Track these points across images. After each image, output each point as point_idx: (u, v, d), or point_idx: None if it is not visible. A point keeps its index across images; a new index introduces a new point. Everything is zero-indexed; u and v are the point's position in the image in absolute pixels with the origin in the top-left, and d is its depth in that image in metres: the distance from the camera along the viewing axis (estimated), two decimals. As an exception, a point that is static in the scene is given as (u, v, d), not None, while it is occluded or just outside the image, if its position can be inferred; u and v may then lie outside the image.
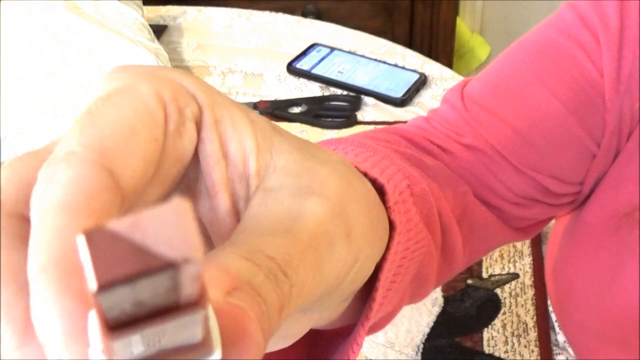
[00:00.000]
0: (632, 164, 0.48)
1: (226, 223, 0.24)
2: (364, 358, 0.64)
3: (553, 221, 0.63)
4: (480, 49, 2.06)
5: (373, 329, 0.38)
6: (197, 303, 0.16)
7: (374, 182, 0.32)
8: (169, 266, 0.15)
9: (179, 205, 0.15)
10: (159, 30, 1.08)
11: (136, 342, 0.16)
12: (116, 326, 0.15)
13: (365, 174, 0.31)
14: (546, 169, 0.48)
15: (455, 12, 1.77)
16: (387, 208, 0.31)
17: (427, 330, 0.66)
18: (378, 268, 0.30)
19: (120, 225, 0.15)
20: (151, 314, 0.15)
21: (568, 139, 0.48)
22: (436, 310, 0.68)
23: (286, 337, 0.27)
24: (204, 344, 0.17)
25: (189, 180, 0.25)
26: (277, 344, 0.28)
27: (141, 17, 0.95)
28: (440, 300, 0.69)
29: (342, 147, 0.39)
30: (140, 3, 1.00)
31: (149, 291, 0.15)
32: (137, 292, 0.15)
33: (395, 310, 0.38)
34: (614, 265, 0.50)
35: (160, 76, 0.23)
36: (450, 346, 0.65)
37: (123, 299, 0.15)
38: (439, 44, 1.76)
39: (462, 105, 0.50)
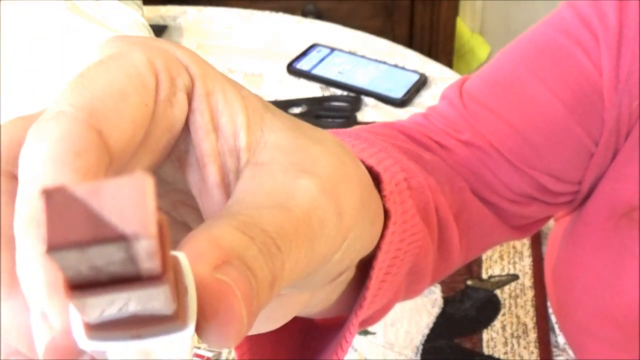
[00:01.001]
0: (631, 164, 0.48)
1: (215, 195, 0.24)
2: (364, 358, 0.64)
3: (552, 222, 0.63)
4: (480, 49, 2.06)
5: (368, 322, 0.38)
6: (158, 278, 0.16)
7: (370, 171, 0.31)
8: (119, 238, 0.15)
9: (140, 180, 0.15)
10: (159, 30, 1.08)
11: (100, 304, 0.16)
12: (76, 285, 0.15)
13: (362, 162, 0.31)
14: (544, 167, 0.49)
15: (455, 12, 1.77)
16: (382, 197, 0.30)
17: (426, 331, 0.66)
18: (373, 258, 0.30)
19: (80, 189, 0.15)
20: (112, 280, 0.15)
21: (566, 137, 0.48)
22: (436, 311, 0.68)
23: (275, 318, 0.27)
24: (176, 318, 0.17)
25: (179, 152, 0.25)
26: (265, 326, 0.28)
27: (141, 17, 0.95)
28: (440, 301, 0.69)
29: (340, 139, 0.39)
30: (140, 3, 1.00)
31: (101, 259, 0.15)
32: (89, 258, 0.15)
33: (390, 303, 0.38)
34: (614, 266, 0.50)
35: (153, 45, 0.23)
36: (450, 347, 0.65)
37: (75, 262, 0.15)
38: (439, 44, 1.76)
39: (461, 102, 0.50)
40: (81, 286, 0.15)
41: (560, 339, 0.65)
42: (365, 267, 0.31)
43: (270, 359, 0.35)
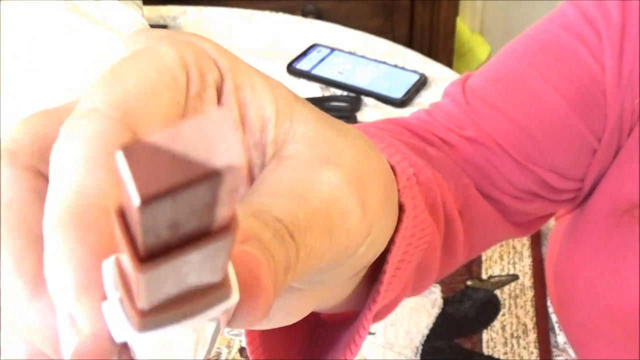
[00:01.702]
0: (632, 161, 0.48)
1: (241, 191, 0.24)
2: (363, 359, 0.64)
3: (553, 222, 0.63)
4: (480, 49, 2.06)
5: (376, 318, 0.38)
6: (227, 227, 0.15)
7: None
8: (213, 174, 0.14)
9: (219, 114, 0.15)
10: (159, 30, 1.08)
11: (161, 279, 0.15)
12: (147, 257, 0.15)
13: None
14: (547, 163, 0.49)
15: (455, 12, 1.77)
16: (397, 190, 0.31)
17: (426, 331, 0.66)
18: (385, 251, 0.30)
19: (159, 137, 0.14)
20: (183, 242, 0.15)
21: (569, 134, 0.48)
22: (435, 311, 0.68)
23: (293, 313, 0.27)
24: (223, 286, 0.17)
25: None
26: (283, 320, 0.27)
27: (141, 17, 0.95)
28: (440, 302, 0.69)
29: None
30: (140, 3, 1.00)
31: (189, 205, 0.14)
32: (179, 206, 0.14)
33: (398, 299, 0.38)
34: (616, 263, 0.50)
35: (182, 40, 0.23)
36: (450, 347, 0.65)
37: (164, 216, 0.14)
38: (439, 44, 1.76)
39: (464, 98, 0.50)
40: (149, 258, 0.15)
41: (560, 339, 0.65)
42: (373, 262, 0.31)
43: (281, 358, 0.35)
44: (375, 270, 0.31)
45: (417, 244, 0.34)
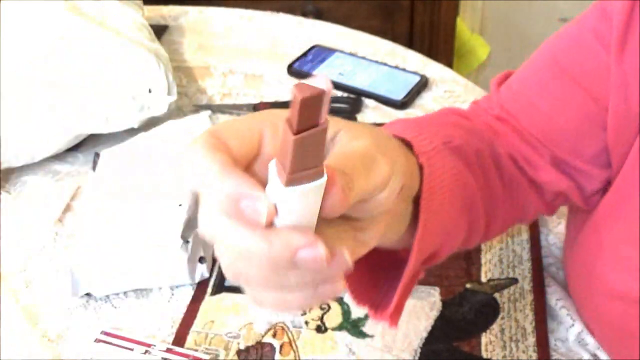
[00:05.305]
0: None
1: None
2: (362, 361, 0.64)
3: (556, 217, 0.63)
4: (480, 49, 2.06)
5: (425, 262, 0.50)
6: (323, 123, 0.31)
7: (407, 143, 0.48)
8: (320, 92, 0.30)
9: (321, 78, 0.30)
10: (160, 30, 1.08)
11: (302, 148, 0.31)
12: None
13: (403, 140, 0.47)
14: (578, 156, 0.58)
15: (455, 12, 1.77)
16: (416, 157, 0.46)
17: (424, 334, 0.66)
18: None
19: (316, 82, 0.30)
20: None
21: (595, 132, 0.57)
22: (434, 314, 0.68)
23: (364, 241, 0.38)
24: (317, 173, 0.32)
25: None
26: (358, 250, 0.38)
27: (141, 17, 0.95)
28: (439, 305, 0.69)
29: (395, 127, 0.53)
30: (141, 3, 1.00)
31: (314, 109, 0.31)
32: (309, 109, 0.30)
33: (444, 246, 0.50)
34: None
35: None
36: (448, 351, 0.65)
37: (308, 116, 0.30)
38: (439, 44, 1.75)
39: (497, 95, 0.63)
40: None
41: (559, 343, 0.65)
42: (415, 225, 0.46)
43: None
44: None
45: (444, 178, 0.47)
